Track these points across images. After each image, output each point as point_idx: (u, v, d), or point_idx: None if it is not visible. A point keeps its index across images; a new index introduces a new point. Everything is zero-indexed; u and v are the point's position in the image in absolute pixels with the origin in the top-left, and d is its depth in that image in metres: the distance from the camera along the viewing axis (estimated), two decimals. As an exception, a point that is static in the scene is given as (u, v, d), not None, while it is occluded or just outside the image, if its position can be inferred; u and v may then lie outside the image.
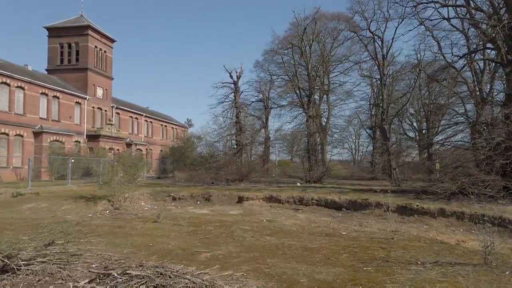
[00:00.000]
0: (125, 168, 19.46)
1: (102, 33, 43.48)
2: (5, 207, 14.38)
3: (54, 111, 35.88)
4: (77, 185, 22.48)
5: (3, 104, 30.13)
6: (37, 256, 5.72)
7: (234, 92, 32.36)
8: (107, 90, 44.65)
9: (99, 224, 10.86)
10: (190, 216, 12.77)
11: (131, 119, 50.97)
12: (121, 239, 8.60)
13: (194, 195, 18.61)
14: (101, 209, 14.71)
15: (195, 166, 32.54)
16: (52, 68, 41.57)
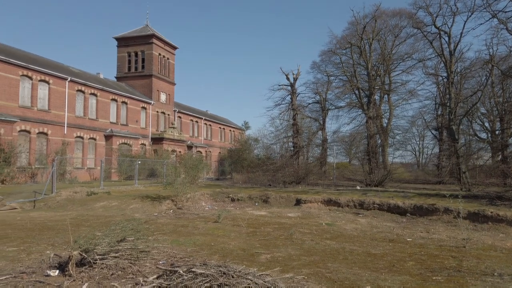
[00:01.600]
0: (187, 169, 20.26)
1: (165, 41, 45.72)
2: (81, 205, 15.64)
3: (123, 115, 38.38)
4: (143, 186, 23.79)
5: (78, 110, 32.82)
6: (111, 251, 6.12)
7: (291, 94, 32.27)
8: (170, 95, 46.82)
9: (164, 223, 11.39)
10: (249, 217, 12.93)
11: (192, 122, 52.93)
12: (185, 238, 8.93)
13: (252, 196, 18.83)
14: (166, 209, 15.42)
15: (252, 168, 32.94)
16: (121, 76, 44.55)
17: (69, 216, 12.44)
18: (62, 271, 5.69)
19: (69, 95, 31.45)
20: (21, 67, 27.47)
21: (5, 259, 6.53)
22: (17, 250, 7.25)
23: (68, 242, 7.89)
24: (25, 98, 28.07)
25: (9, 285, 5.14)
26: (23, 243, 7.93)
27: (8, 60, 26.38)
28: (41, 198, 15.99)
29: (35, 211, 14.29)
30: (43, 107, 29.39)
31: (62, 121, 30.77)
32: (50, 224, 10.76)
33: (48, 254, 6.81)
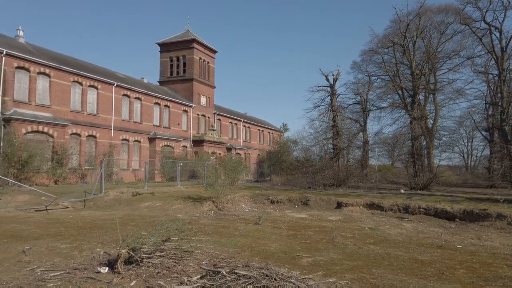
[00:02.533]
0: (226, 171, 20.53)
1: (205, 45, 46.69)
2: (127, 205, 16.29)
3: (165, 118, 39.59)
4: (185, 187, 24.38)
5: (124, 113, 34.26)
6: (156, 250, 6.32)
7: (331, 95, 31.80)
8: (210, 98, 47.70)
9: (206, 224, 11.60)
10: (289, 220, 12.87)
11: (231, 124, 53.59)
12: (226, 239, 9.04)
13: (291, 199, 18.73)
14: (207, 210, 15.71)
15: (291, 170, 32.76)
16: (163, 80, 46.02)
17: (116, 216, 12.99)
18: (111, 269, 5.94)
19: (115, 100, 32.91)
20: (72, 74, 29.12)
21: (59, 255, 6.93)
22: (70, 247, 7.66)
23: (116, 241, 8.24)
24: (76, 103, 29.71)
25: (64, 280, 5.44)
26: (75, 241, 8.37)
27: (60, 68, 28.07)
28: (90, 198, 16.84)
29: (85, 210, 15.06)
30: (92, 111, 30.96)
31: (109, 125, 32.25)
32: (99, 223, 11.29)
33: (98, 251, 7.14)
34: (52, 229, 9.96)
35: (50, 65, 27.29)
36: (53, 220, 11.78)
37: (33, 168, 22.97)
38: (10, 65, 24.78)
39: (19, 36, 29.46)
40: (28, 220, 11.54)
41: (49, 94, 27.44)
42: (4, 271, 5.80)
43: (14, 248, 7.44)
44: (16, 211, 13.57)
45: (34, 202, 15.94)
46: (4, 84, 24.28)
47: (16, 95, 25.25)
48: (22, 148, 22.82)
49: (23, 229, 9.87)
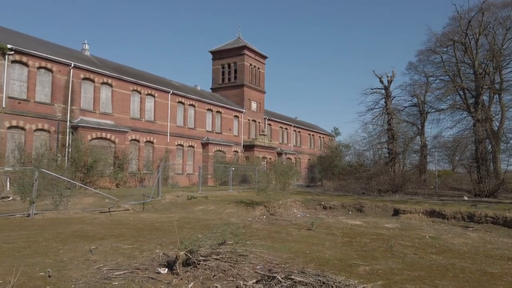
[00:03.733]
0: (277, 176, 20.52)
1: (255, 51, 47.26)
2: (182, 208, 16.85)
3: (217, 124, 40.55)
4: (237, 191, 24.72)
5: (179, 120, 35.59)
6: (212, 253, 6.44)
7: (385, 98, 30.73)
8: (260, 103, 48.11)
9: (258, 228, 11.64)
10: (343, 226, 12.55)
11: (281, 129, 53.60)
12: (279, 244, 9.00)
13: (345, 205, 18.28)
14: (259, 214, 15.79)
15: (343, 175, 32.02)
16: (215, 87, 47.21)
17: (173, 218, 13.47)
18: (170, 270, 6.15)
19: (171, 107, 34.33)
20: (132, 83, 30.85)
21: (122, 255, 7.30)
22: (131, 248, 8.05)
23: (173, 243, 8.53)
24: (135, 110, 31.40)
25: (127, 279, 5.72)
26: (136, 242, 8.78)
27: (121, 78, 29.85)
28: (149, 201, 17.63)
29: (144, 212, 15.79)
30: (150, 118, 32.53)
31: (165, 131, 33.67)
32: (157, 225, 11.76)
33: (157, 253, 7.43)
34: (115, 230, 10.54)
35: (112, 75, 29.14)
36: (116, 221, 12.47)
37: (97, 172, 24.56)
38: (77, 76, 26.81)
39: (84, 49, 31.81)
40: (93, 221, 12.32)
41: (111, 103, 29.26)
42: (74, 269, 6.22)
43: (82, 247, 7.96)
44: (83, 212, 14.56)
45: (98, 204, 17.01)
46: (72, 94, 26.29)
47: (83, 104, 27.23)
48: (88, 153, 24.51)
49: (89, 229, 10.54)
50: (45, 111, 24.95)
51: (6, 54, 22.80)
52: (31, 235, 9.39)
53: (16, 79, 23.80)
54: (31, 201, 13.03)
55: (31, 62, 24.33)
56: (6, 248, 7.65)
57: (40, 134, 24.73)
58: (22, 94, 24.03)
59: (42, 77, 25.11)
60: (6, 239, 8.70)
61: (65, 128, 25.68)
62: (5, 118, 22.87)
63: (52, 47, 28.48)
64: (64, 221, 12.17)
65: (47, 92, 25.31)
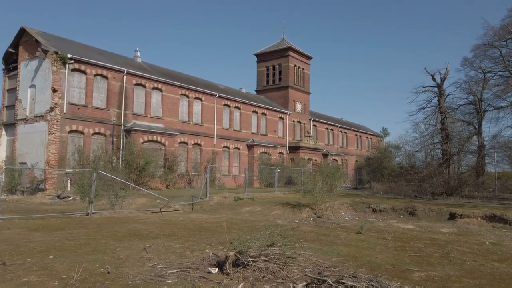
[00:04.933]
0: (324, 178, 20.21)
1: (300, 52, 46.99)
2: (229, 209, 17.11)
3: (262, 126, 40.77)
4: (282, 193, 24.68)
5: (225, 122, 36.23)
6: (261, 254, 6.47)
7: (438, 96, 29.25)
8: (305, 104, 47.73)
9: (306, 231, 11.53)
10: (395, 230, 12.09)
11: (327, 130, 52.80)
12: (328, 247, 8.85)
13: (395, 208, 17.62)
14: (306, 216, 15.65)
15: (393, 177, 30.85)
16: (260, 89, 47.51)
17: (221, 219, 13.71)
18: (220, 270, 6.26)
19: (217, 110, 35.04)
20: (181, 88, 31.89)
21: (174, 254, 7.55)
22: (182, 247, 8.30)
23: (222, 243, 8.68)
24: (184, 114, 32.42)
25: (180, 277, 5.90)
26: (187, 241, 9.04)
27: (171, 82, 30.97)
28: (197, 202, 18.10)
29: (193, 213, 16.23)
30: (197, 121, 33.43)
31: (212, 133, 34.42)
32: (206, 225, 12.04)
33: (207, 252, 7.59)
34: (166, 229, 10.93)
35: (162, 80, 30.32)
36: (167, 221, 12.93)
37: (149, 173, 25.63)
38: (130, 82, 28.18)
39: (136, 56, 33.36)
40: (146, 221, 12.86)
41: (161, 107, 30.44)
42: (130, 266, 6.52)
43: (137, 245, 8.34)
44: (136, 212, 15.24)
45: (150, 204, 17.74)
46: (125, 100, 27.68)
47: (135, 109, 28.57)
48: (140, 156, 25.66)
49: (143, 228, 11.01)
50: (101, 116, 26.46)
51: (67, 63, 24.48)
52: (91, 233, 9.99)
53: (76, 86, 25.48)
54: (90, 201, 13.87)
55: (89, 70, 25.93)
56: (69, 245, 8.20)
57: (97, 138, 26.27)
58: (81, 100, 25.67)
59: (99, 84, 26.67)
60: (69, 236, 9.32)
61: (119, 132, 27.07)
62: (66, 123, 24.55)
63: (107, 55, 30.17)
64: (119, 220, 12.82)
65: (103, 98, 26.84)
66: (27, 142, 25.39)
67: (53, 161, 23.61)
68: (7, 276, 5.68)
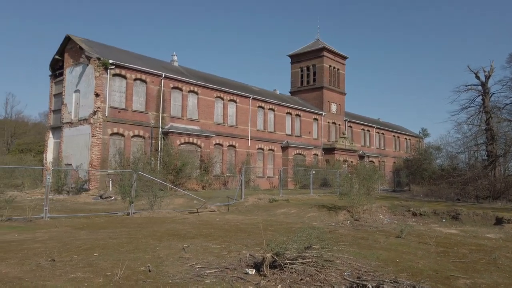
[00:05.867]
0: (360, 180, 19.77)
1: (335, 52, 46.38)
2: (264, 211, 17.14)
3: (296, 127, 40.55)
4: (318, 195, 24.41)
5: (259, 124, 36.38)
6: (298, 257, 6.43)
7: (482, 95, 27.83)
8: (340, 105, 47.00)
9: (343, 234, 11.34)
10: (437, 235, 11.62)
11: (363, 131, 51.71)
12: (366, 251, 8.66)
13: (437, 211, 16.94)
14: (342, 219, 15.38)
15: (434, 179, 29.71)
16: (294, 90, 47.32)
17: (256, 220, 13.76)
18: (257, 271, 6.29)
19: (251, 111, 35.24)
20: (216, 90, 32.38)
21: (212, 254, 7.67)
22: (219, 248, 8.41)
23: (258, 244, 8.71)
24: (219, 116, 32.88)
25: (218, 277, 5.99)
26: (224, 242, 9.15)
27: (206, 85, 31.52)
28: (233, 203, 18.28)
29: (229, 214, 16.40)
30: (232, 123, 33.78)
31: (246, 135, 34.66)
32: (242, 226, 12.13)
33: (244, 253, 7.64)
34: (203, 230, 11.12)
35: (198, 84, 30.93)
36: (204, 222, 13.15)
37: (186, 175, 26.19)
38: (167, 86, 28.96)
39: (173, 60, 34.24)
40: (184, 221, 13.14)
41: (197, 109, 31.05)
42: (170, 265, 6.69)
43: (176, 245, 8.54)
44: (174, 212, 15.62)
45: (187, 205, 18.12)
46: (163, 103, 28.48)
47: (172, 112, 29.32)
48: (177, 157, 26.29)
49: (181, 228, 11.27)
50: (141, 119, 27.37)
51: (108, 69, 25.55)
52: (132, 232, 10.35)
53: (117, 91, 26.52)
54: (131, 201, 14.36)
55: (129, 74, 26.91)
56: (112, 243, 8.53)
57: (137, 140, 27.19)
58: (121, 104, 26.67)
59: (138, 88, 27.61)
60: (112, 235, 9.70)
61: (157, 134, 27.88)
62: (108, 126, 25.60)
63: (146, 60, 31.17)
64: (158, 220, 13.19)
65: (142, 101, 27.75)
66: (72, 145, 26.72)
67: (96, 163, 24.68)
68: (56, 272, 5.99)
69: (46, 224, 11.84)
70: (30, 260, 6.73)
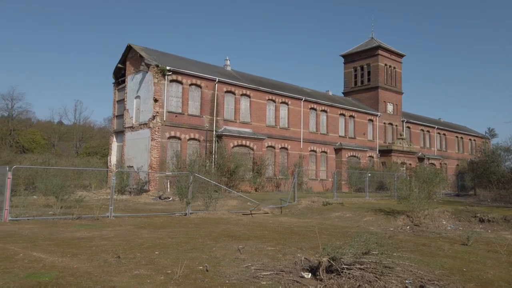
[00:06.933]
0: (420, 183, 18.77)
1: (391, 50, 44.68)
2: (318, 214, 16.89)
3: (350, 129, 39.57)
4: (374, 198, 23.58)
5: (311, 126, 35.99)
6: (355, 262, 6.25)
7: (560, 90, 25.24)
8: (397, 105, 45.14)
9: (403, 239, 10.84)
10: (508, 243, 10.69)
11: (422, 132, 49.22)
12: (429, 258, 8.20)
13: (508, 218, 15.58)
14: (401, 224, 14.71)
15: (504, 183, 27.44)
16: (347, 91, 46.26)
17: (310, 224, 13.61)
18: (313, 275, 6.20)
19: (303, 113, 34.98)
20: (267, 93, 32.58)
21: (267, 256, 7.69)
22: (274, 250, 8.42)
23: (313, 248, 8.60)
24: (271, 118, 33.03)
25: (274, 280, 5.99)
26: (277, 244, 9.15)
27: (258, 88, 31.83)
28: (286, 205, 18.23)
29: (282, 216, 16.38)
30: (284, 125, 33.76)
31: (299, 137, 34.44)
32: (296, 229, 12.05)
33: (299, 257, 7.59)
34: (257, 231, 11.21)
35: (250, 87, 31.33)
36: (257, 223, 13.26)
37: (239, 177, 26.61)
38: (221, 90, 29.67)
39: (226, 65, 35.01)
40: (238, 222, 13.35)
41: (250, 112, 31.44)
42: (226, 265, 6.82)
43: (231, 246, 8.69)
44: (228, 213, 15.92)
45: (241, 206, 18.37)
46: (217, 106, 29.20)
47: (225, 115, 29.98)
48: (230, 159, 26.80)
49: (235, 230, 11.45)
50: (196, 122, 28.29)
51: (166, 75, 26.74)
52: (189, 232, 10.70)
53: (173, 96, 27.67)
54: (187, 201, 14.88)
55: (184, 80, 27.96)
56: (171, 243, 8.88)
57: (192, 143, 28.13)
58: (178, 108, 27.77)
59: (193, 93, 28.59)
60: (171, 234, 10.11)
61: (212, 137, 28.64)
62: (165, 130, 26.77)
63: (200, 66, 32.18)
64: (213, 221, 13.52)
65: (197, 106, 28.69)
66: (134, 148, 28.29)
67: (155, 165, 25.90)
68: (121, 269, 6.36)
69: (111, 222, 12.63)
70: (98, 256, 7.21)
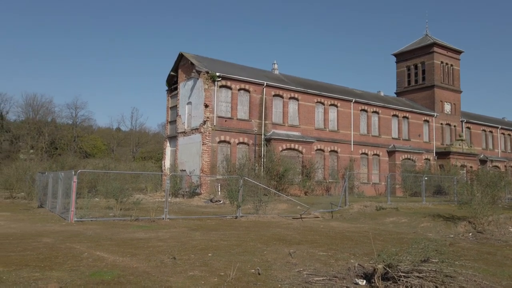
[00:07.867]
0: (483, 187, 17.53)
1: (447, 47, 42.42)
2: (371, 219, 16.35)
3: (404, 130, 37.97)
4: (431, 203, 22.36)
5: (362, 128, 35.02)
6: (413, 270, 5.96)
7: None
8: (455, 104, 42.67)
9: (465, 247, 10.19)
10: None
11: (484, 133, 46.04)
12: (495, 268, 7.63)
13: None
14: (462, 231, 13.82)
15: None
16: (400, 91, 44.50)
17: (362, 229, 13.21)
18: (368, 282, 6.01)
19: (354, 115, 34.13)
20: (316, 95, 32.22)
21: (319, 261, 7.58)
22: (326, 255, 8.28)
23: (367, 254, 8.34)
24: (319, 121, 32.61)
25: (326, 286, 5.89)
26: (329, 249, 8.98)
27: (306, 91, 31.60)
28: (337, 210, 17.86)
29: (333, 221, 16.07)
30: (333, 128, 33.17)
31: (349, 140, 33.64)
32: (348, 234, 11.76)
33: (352, 263, 7.39)
34: (308, 236, 11.09)
35: (298, 90, 31.18)
36: (308, 228, 13.11)
37: (288, 180, 26.52)
38: (269, 94, 29.83)
39: (274, 69, 35.14)
40: (288, 226, 13.29)
41: (298, 115, 31.28)
42: (277, 269, 6.81)
43: (282, 250, 8.67)
44: (278, 217, 15.91)
45: (291, 210, 18.28)
46: (265, 110, 29.39)
47: (274, 118, 30.06)
48: (279, 163, 26.80)
49: (286, 233, 11.41)
50: (245, 127, 28.66)
51: (216, 81, 27.41)
52: (240, 235, 10.84)
53: (223, 101, 28.27)
54: (238, 205, 15.09)
55: (233, 85, 28.47)
56: (223, 245, 9.05)
57: (242, 147, 28.52)
58: (227, 113, 28.31)
59: (242, 97, 29.02)
60: (222, 237, 10.30)
61: (260, 141, 28.84)
62: (216, 134, 27.41)
63: (248, 70, 32.59)
64: (263, 224, 13.59)
65: (246, 110, 29.06)
66: (186, 152, 29.26)
67: (206, 168, 26.58)
68: (177, 269, 6.59)
69: (166, 224, 13.14)
70: (155, 257, 7.52)
